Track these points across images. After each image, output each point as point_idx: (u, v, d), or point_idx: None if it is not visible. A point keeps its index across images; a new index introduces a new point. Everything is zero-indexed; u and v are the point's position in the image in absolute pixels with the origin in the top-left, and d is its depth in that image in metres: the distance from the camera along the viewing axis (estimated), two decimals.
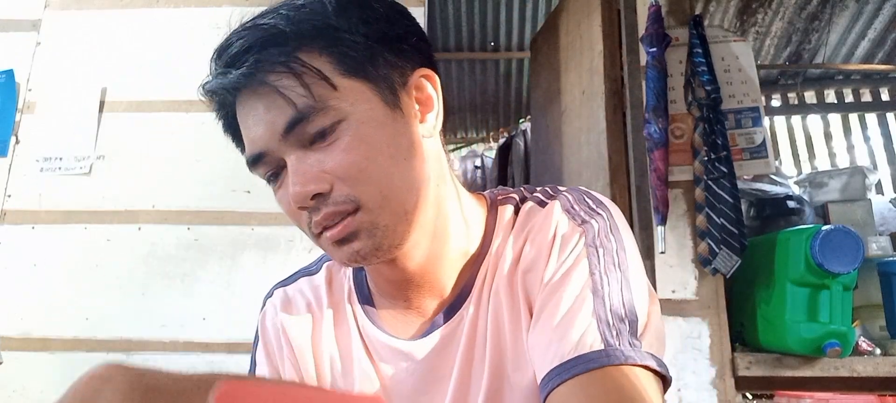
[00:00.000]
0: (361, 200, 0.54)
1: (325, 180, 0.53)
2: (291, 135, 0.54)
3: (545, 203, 0.63)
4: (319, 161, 0.54)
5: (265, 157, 0.56)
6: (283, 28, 0.55)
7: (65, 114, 1.85)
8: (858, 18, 3.25)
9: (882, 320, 1.59)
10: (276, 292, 0.75)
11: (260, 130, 0.55)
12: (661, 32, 1.67)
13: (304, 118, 0.53)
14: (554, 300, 0.55)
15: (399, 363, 0.63)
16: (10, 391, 1.67)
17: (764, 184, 2.05)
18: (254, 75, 0.54)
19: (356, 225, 0.54)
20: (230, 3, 1.94)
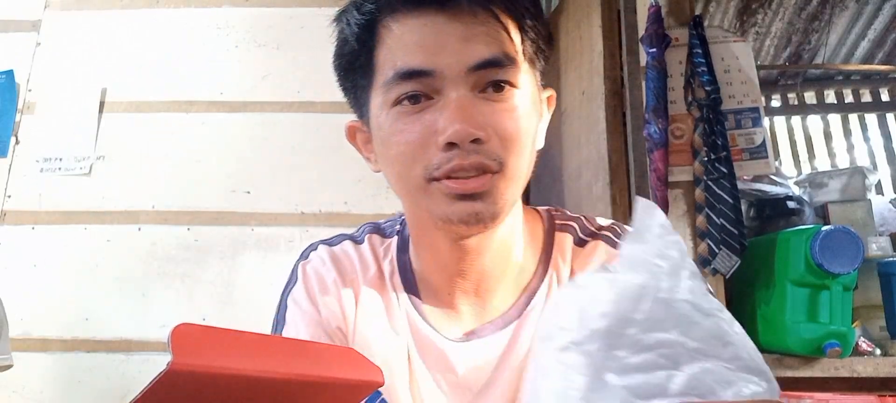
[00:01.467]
0: (507, 165, 0.54)
1: (486, 130, 0.52)
2: (475, 73, 0.53)
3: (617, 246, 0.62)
4: (483, 111, 0.53)
5: (427, 77, 0.53)
6: None
7: (65, 115, 1.85)
8: (858, 19, 3.25)
9: (882, 320, 1.59)
10: (321, 247, 0.71)
11: (446, 49, 0.52)
12: (661, 33, 1.67)
13: (501, 65, 0.53)
14: None
15: (434, 359, 0.61)
16: (10, 391, 1.67)
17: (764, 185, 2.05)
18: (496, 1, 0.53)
19: (491, 185, 0.53)
20: (230, 3, 1.94)
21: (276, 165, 1.83)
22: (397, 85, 0.54)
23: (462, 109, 0.52)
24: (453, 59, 0.52)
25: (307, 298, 0.67)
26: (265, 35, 1.92)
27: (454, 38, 0.52)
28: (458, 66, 0.52)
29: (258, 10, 1.94)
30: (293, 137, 1.85)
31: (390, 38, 0.55)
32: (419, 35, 0.53)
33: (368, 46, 0.56)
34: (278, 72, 1.90)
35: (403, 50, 0.54)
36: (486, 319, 0.62)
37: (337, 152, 1.82)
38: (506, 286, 0.62)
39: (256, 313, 1.71)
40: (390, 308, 0.65)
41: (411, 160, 0.54)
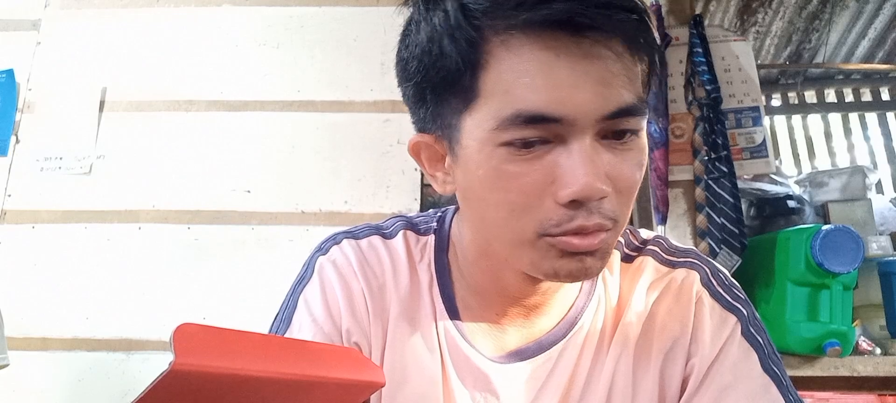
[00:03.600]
0: (619, 221, 0.47)
1: (608, 184, 0.45)
2: (607, 122, 0.44)
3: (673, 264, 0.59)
4: (607, 163, 0.45)
5: (554, 124, 0.44)
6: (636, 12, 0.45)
7: (65, 114, 1.85)
8: (858, 18, 3.25)
9: (882, 320, 1.59)
10: (345, 241, 0.62)
11: (580, 93, 0.43)
12: (662, 32, 1.67)
13: (633, 113, 0.45)
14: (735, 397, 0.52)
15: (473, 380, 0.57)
16: (10, 391, 1.67)
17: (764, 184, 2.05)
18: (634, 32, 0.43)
19: (606, 241, 0.47)
20: (230, 3, 1.94)
21: (276, 165, 1.83)
22: (515, 128, 0.44)
23: (590, 163, 0.44)
24: (590, 106, 0.43)
25: (322, 305, 0.59)
26: (265, 35, 1.92)
27: (591, 80, 0.43)
28: (594, 115, 0.44)
29: (258, 10, 1.94)
30: (293, 137, 1.85)
31: (505, 63, 0.44)
32: (547, 70, 0.43)
33: (473, 66, 0.45)
34: (278, 72, 1.90)
35: (526, 86, 0.44)
36: (531, 339, 0.58)
37: (337, 152, 1.82)
38: (553, 304, 0.58)
39: (256, 313, 1.71)
40: (424, 323, 0.59)
41: (522, 211, 0.46)
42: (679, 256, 0.60)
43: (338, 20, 1.90)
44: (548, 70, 0.43)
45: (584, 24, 0.42)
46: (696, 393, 0.53)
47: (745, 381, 0.53)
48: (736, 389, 0.52)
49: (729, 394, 0.52)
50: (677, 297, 0.57)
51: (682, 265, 0.59)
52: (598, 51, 0.43)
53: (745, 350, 0.54)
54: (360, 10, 1.90)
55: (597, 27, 0.42)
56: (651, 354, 0.56)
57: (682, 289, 0.57)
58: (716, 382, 0.53)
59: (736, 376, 0.53)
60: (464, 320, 0.59)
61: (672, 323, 0.56)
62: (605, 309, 0.59)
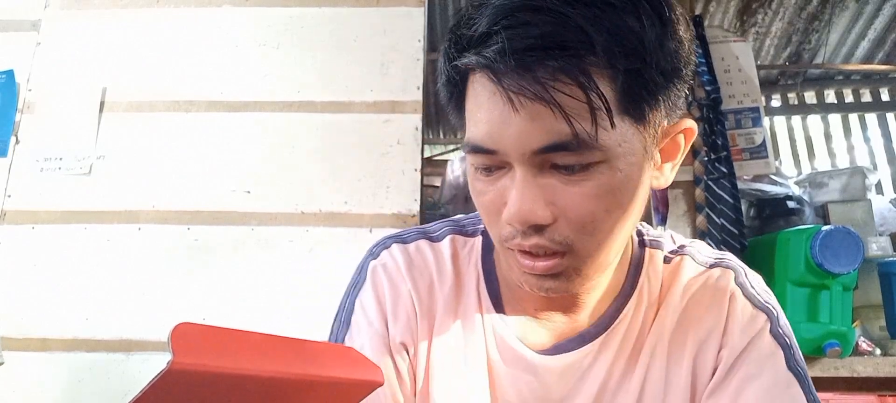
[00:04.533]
0: (576, 247, 0.49)
1: (551, 212, 0.48)
2: (541, 156, 0.47)
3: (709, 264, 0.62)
4: (554, 189, 0.48)
5: (494, 155, 0.49)
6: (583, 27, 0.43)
7: (65, 114, 1.85)
8: (858, 19, 3.25)
9: (882, 320, 1.59)
10: (394, 246, 0.67)
11: (510, 132, 0.46)
12: None
13: (570, 149, 0.46)
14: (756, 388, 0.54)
15: (520, 371, 0.60)
16: (9, 391, 1.67)
17: (764, 184, 2.05)
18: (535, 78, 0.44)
19: (561, 268, 0.50)
20: (230, 3, 1.94)
21: (276, 165, 1.83)
22: (470, 155, 0.51)
23: (524, 193, 0.47)
24: (516, 142, 0.46)
25: (376, 307, 0.63)
26: (265, 35, 1.92)
27: (517, 117, 0.45)
28: (521, 150, 0.47)
29: (258, 10, 1.94)
30: (293, 137, 1.85)
31: (471, 98, 0.50)
32: (488, 107, 0.48)
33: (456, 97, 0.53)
34: (278, 72, 1.90)
35: (475, 120, 0.49)
36: (574, 332, 0.61)
37: (337, 152, 1.82)
38: (593, 300, 0.61)
39: (256, 313, 1.71)
40: (471, 317, 0.62)
41: (488, 221, 0.53)
42: (715, 257, 0.64)
43: (338, 20, 1.90)
44: (488, 106, 0.48)
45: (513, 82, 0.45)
46: (723, 381, 0.56)
47: (768, 374, 0.55)
48: (759, 379, 0.55)
49: (751, 383, 0.55)
50: (713, 293, 0.60)
51: (718, 264, 0.63)
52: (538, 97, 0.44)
53: (773, 347, 0.57)
54: (360, 11, 1.90)
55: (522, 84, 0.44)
56: (686, 345, 0.58)
57: (718, 285, 0.60)
58: (741, 372, 0.55)
59: (761, 368, 0.55)
60: (508, 314, 0.62)
61: (707, 317, 0.59)
62: (647, 306, 0.61)
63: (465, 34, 0.48)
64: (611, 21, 0.44)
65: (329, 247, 1.77)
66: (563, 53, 0.44)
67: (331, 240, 1.78)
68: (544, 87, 0.44)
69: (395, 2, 1.89)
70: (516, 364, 0.61)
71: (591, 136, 0.45)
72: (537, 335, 0.62)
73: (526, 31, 0.44)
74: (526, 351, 0.60)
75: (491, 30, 0.45)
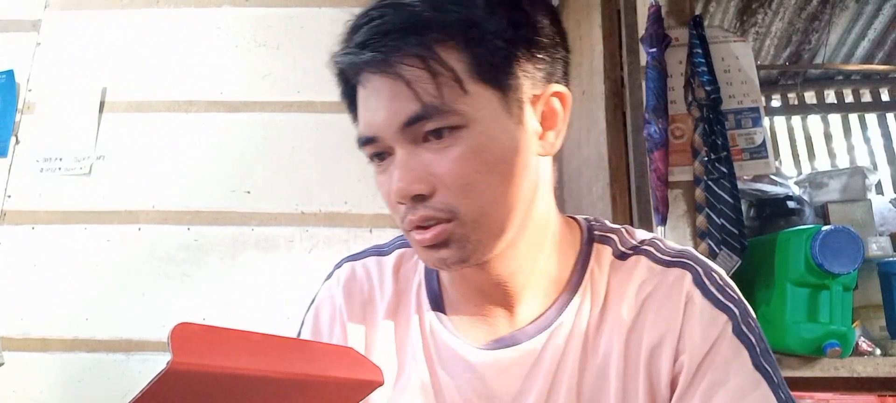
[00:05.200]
0: (460, 212, 0.53)
1: (429, 182, 0.52)
2: (409, 130, 0.52)
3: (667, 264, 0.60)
4: (429, 161, 0.52)
5: (376, 142, 0.55)
6: (427, 15, 0.51)
7: (65, 114, 1.85)
8: (858, 19, 3.25)
9: (882, 320, 1.59)
10: (345, 265, 0.72)
11: (379, 116, 0.53)
12: (661, 33, 1.66)
13: (427, 116, 0.51)
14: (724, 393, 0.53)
15: (460, 371, 0.60)
16: (10, 391, 1.67)
17: (764, 185, 2.05)
18: (386, 61, 0.51)
19: (447, 234, 0.53)
20: (230, 3, 1.94)
21: (276, 165, 1.83)
22: (362, 149, 0.57)
23: (402, 169, 0.53)
24: (386, 121, 0.53)
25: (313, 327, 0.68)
26: (265, 35, 1.92)
27: (385, 99, 0.52)
28: (392, 128, 0.52)
29: (258, 10, 1.94)
30: (293, 137, 1.85)
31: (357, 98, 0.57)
32: (363, 100, 0.55)
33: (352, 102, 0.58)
34: (278, 72, 1.90)
35: (359, 117, 0.57)
36: (516, 327, 0.61)
37: (337, 152, 1.82)
38: (536, 294, 0.61)
39: (257, 313, 1.71)
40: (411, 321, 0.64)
41: (392, 212, 0.57)
42: (673, 256, 0.61)
43: (338, 21, 1.89)
44: (363, 99, 0.55)
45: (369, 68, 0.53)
46: (687, 390, 0.54)
47: (735, 378, 0.53)
48: (726, 385, 0.53)
49: (718, 390, 0.53)
50: (668, 296, 0.58)
51: (675, 265, 0.60)
52: (389, 71, 0.51)
53: (736, 348, 0.55)
54: (360, 11, 1.90)
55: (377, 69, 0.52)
56: (641, 350, 0.57)
57: (673, 288, 0.58)
58: (707, 379, 0.54)
59: (726, 373, 0.53)
60: (449, 314, 0.63)
61: (660, 321, 0.57)
62: (592, 303, 0.60)
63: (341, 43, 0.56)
64: (444, 2, 0.52)
65: (329, 247, 1.77)
66: (408, 36, 0.50)
67: (331, 240, 1.78)
68: (392, 66, 0.51)
69: None
70: (455, 362, 0.61)
71: (443, 102, 0.51)
72: (477, 332, 0.62)
73: (378, 25, 0.52)
74: (464, 348, 0.60)
75: (353, 31, 0.54)
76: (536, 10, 0.56)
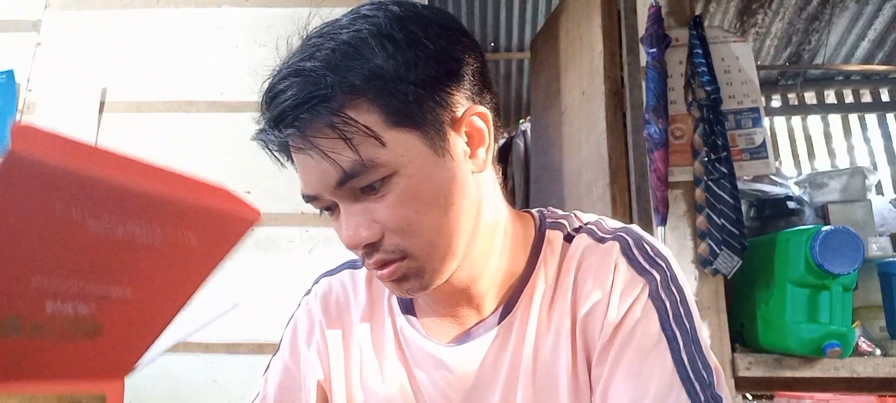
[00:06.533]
0: (409, 250, 0.55)
1: (375, 230, 0.55)
2: (342, 189, 0.54)
3: (603, 239, 0.62)
4: (370, 210, 0.54)
5: (318, 200, 0.57)
6: (329, 79, 0.52)
7: (65, 114, 1.85)
8: (858, 19, 3.26)
9: (882, 321, 1.59)
10: (322, 280, 0.75)
11: (312, 179, 0.55)
12: (661, 33, 1.67)
13: (353, 176, 0.53)
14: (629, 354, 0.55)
15: (434, 368, 0.64)
16: None
17: (764, 185, 2.05)
18: (302, 135, 0.52)
19: (404, 270, 0.56)
20: (230, 3, 1.94)
21: (276, 165, 1.83)
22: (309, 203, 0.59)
23: (347, 222, 0.55)
24: (319, 184, 0.55)
25: (289, 343, 0.72)
26: (265, 35, 1.92)
27: (311, 165, 0.54)
28: (327, 190, 0.54)
29: (258, 10, 1.94)
30: None
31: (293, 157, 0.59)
32: (298, 165, 0.57)
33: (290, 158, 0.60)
34: None
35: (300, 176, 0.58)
36: (479, 321, 0.64)
37: None
38: (497, 289, 0.64)
39: (257, 313, 1.71)
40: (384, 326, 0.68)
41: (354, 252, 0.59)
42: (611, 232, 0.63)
43: None
44: (297, 163, 0.57)
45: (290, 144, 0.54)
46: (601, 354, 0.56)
47: (638, 340, 0.55)
48: (629, 348, 0.55)
49: (624, 353, 0.55)
50: (598, 267, 0.60)
51: (610, 239, 0.62)
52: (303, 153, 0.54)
53: (648, 311, 0.56)
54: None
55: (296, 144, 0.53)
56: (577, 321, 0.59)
57: (604, 259, 0.60)
58: (616, 343, 0.56)
59: (632, 336, 0.55)
60: (420, 317, 0.66)
61: (593, 290, 0.59)
62: (545, 285, 0.62)
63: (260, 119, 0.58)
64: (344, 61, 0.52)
65: (329, 247, 1.78)
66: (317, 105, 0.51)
67: (331, 240, 1.78)
68: (307, 139, 0.52)
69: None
70: (428, 361, 0.64)
71: (363, 161, 0.52)
72: (446, 331, 0.65)
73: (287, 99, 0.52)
74: (433, 347, 0.64)
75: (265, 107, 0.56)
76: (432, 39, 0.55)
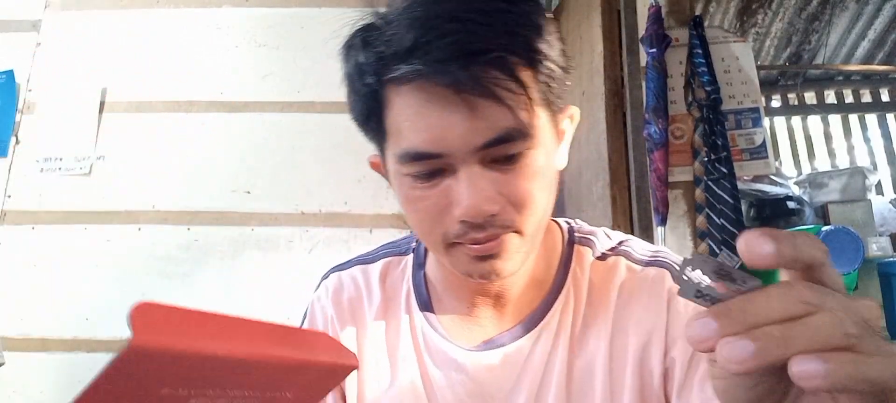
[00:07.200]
0: (522, 227, 0.53)
1: (498, 202, 0.51)
2: (481, 152, 0.50)
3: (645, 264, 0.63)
4: (496, 181, 0.51)
5: (438, 158, 0.51)
6: (520, 35, 0.50)
7: (65, 114, 1.85)
8: (858, 19, 3.26)
9: (882, 320, 1.59)
10: (332, 275, 0.72)
11: (451, 133, 0.49)
12: (661, 33, 1.67)
13: (509, 140, 0.50)
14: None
15: (452, 372, 0.62)
16: (10, 391, 1.67)
17: (764, 185, 2.05)
18: (477, 82, 0.47)
19: (508, 244, 0.53)
20: (230, 3, 1.94)
21: (276, 165, 1.83)
22: (408, 165, 0.52)
23: (474, 188, 0.50)
24: (460, 141, 0.49)
25: None
26: (265, 35, 1.92)
27: (460, 117, 0.49)
28: (466, 148, 0.50)
29: (258, 10, 1.94)
30: (293, 137, 1.85)
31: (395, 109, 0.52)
32: (424, 113, 0.50)
33: (376, 112, 0.54)
34: (278, 72, 1.90)
35: (409, 128, 0.51)
36: (504, 328, 0.62)
37: (337, 152, 1.82)
38: (523, 295, 0.63)
39: (257, 313, 1.71)
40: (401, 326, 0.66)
41: (430, 227, 0.54)
42: (650, 256, 0.64)
43: (338, 20, 1.90)
44: (423, 113, 0.50)
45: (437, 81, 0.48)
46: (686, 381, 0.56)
47: None
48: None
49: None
50: (650, 294, 0.60)
51: (653, 264, 0.63)
52: (465, 87, 0.48)
53: None
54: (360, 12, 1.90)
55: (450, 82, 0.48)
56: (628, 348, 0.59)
57: (655, 286, 0.60)
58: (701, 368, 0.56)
59: None
60: (439, 317, 0.65)
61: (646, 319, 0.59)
62: (575, 303, 0.62)
63: (384, 49, 0.51)
64: (520, 27, 0.50)
65: (329, 247, 1.77)
66: (491, 55, 0.48)
67: (331, 240, 1.78)
68: (485, 84, 0.48)
69: None
70: (447, 364, 0.62)
71: (527, 125, 0.50)
72: (467, 334, 0.63)
73: (455, 39, 0.47)
74: (455, 350, 0.62)
75: (419, 42, 0.48)
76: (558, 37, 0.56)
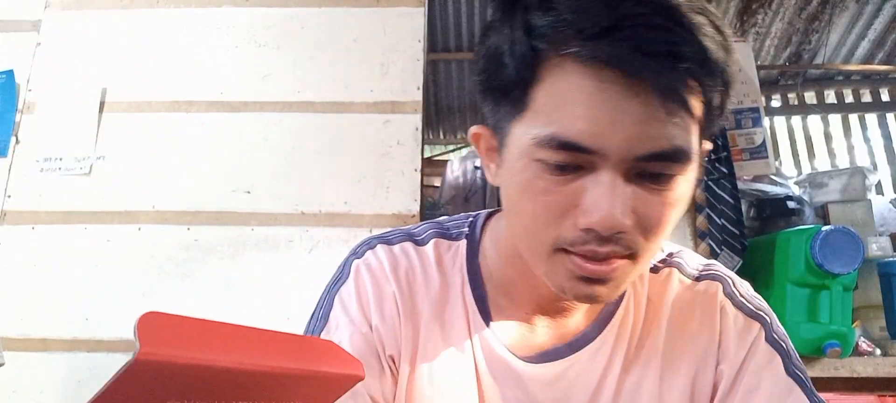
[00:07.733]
0: (641, 254, 0.48)
1: (631, 219, 0.46)
2: (638, 163, 0.45)
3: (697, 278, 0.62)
4: (636, 197, 0.46)
5: (585, 154, 0.45)
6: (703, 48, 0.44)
7: (65, 115, 1.85)
8: (858, 19, 3.25)
9: (882, 320, 1.59)
10: (379, 246, 0.64)
11: (618, 133, 0.44)
12: None
13: (671, 159, 0.45)
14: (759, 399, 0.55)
15: (507, 380, 0.59)
16: (10, 391, 1.67)
17: (764, 185, 2.05)
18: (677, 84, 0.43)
19: (620, 271, 0.48)
20: (230, 3, 1.94)
21: (276, 165, 1.83)
22: (549, 150, 0.46)
23: (613, 198, 0.45)
24: (624, 144, 0.44)
25: (357, 305, 0.61)
26: (265, 35, 1.92)
27: (633, 119, 0.43)
28: (625, 153, 0.44)
29: (258, 10, 1.94)
30: (293, 137, 1.85)
31: (556, 85, 0.45)
32: (591, 101, 0.44)
33: (526, 80, 0.47)
34: (278, 72, 1.90)
35: (568, 112, 0.45)
36: (562, 340, 0.60)
37: (337, 152, 1.82)
38: (582, 307, 0.60)
39: (257, 313, 1.71)
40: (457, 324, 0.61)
41: (544, 225, 0.48)
42: (702, 269, 0.64)
43: (338, 20, 1.90)
44: (592, 101, 0.44)
45: (630, 70, 0.42)
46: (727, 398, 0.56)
47: (768, 383, 0.55)
48: (760, 390, 0.55)
49: (754, 396, 0.55)
50: (703, 307, 0.60)
51: (705, 277, 0.62)
52: (644, 92, 0.43)
53: (770, 355, 0.57)
54: (360, 11, 1.90)
55: (643, 75, 0.42)
56: (682, 363, 0.58)
57: (707, 299, 0.60)
58: (743, 385, 0.56)
59: (760, 379, 0.56)
60: (495, 320, 0.61)
61: (700, 333, 0.59)
62: (634, 315, 0.61)
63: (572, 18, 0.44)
64: (712, 45, 0.44)
65: (329, 247, 1.77)
66: (691, 66, 0.43)
67: (331, 240, 1.78)
68: (680, 93, 0.43)
69: (395, 2, 1.89)
70: (503, 372, 0.59)
71: (691, 150, 0.46)
72: (524, 343, 0.60)
73: (664, 37, 0.42)
74: (514, 361, 0.59)
75: (621, 23, 0.42)
76: None
